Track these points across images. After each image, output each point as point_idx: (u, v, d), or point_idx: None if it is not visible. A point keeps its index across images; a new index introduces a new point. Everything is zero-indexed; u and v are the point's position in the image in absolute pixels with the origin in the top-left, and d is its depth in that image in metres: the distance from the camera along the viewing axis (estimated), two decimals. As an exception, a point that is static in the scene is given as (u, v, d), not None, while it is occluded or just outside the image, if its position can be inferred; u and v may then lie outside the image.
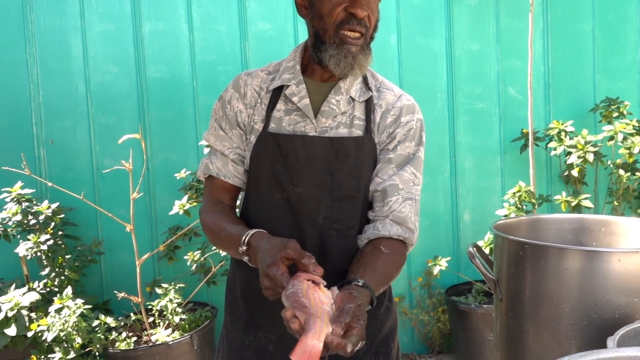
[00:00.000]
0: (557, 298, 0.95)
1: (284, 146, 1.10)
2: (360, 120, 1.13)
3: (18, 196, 2.57)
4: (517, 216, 1.24)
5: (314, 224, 1.11)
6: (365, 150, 1.12)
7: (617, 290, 0.90)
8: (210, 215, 1.15)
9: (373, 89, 1.17)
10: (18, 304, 2.33)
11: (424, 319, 2.92)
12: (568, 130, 2.76)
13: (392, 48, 3.03)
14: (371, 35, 1.10)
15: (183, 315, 2.49)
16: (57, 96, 2.89)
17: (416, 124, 1.16)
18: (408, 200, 1.12)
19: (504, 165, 3.09)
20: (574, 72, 3.12)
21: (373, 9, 1.07)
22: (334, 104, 1.12)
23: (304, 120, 1.12)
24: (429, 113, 3.04)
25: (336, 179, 1.10)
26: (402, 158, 1.13)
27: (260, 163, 1.12)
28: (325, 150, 1.10)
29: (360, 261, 1.04)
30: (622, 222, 1.15)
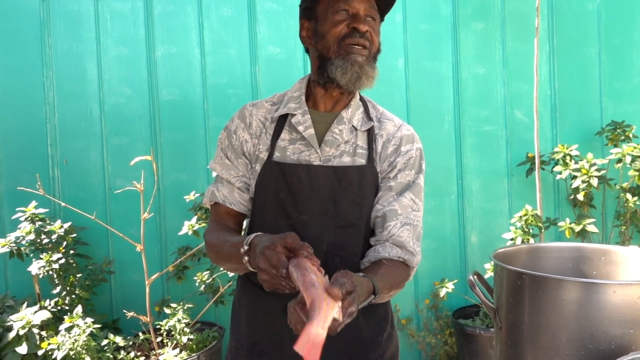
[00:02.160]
0: (555, 328, 0.97)
1: (288, 175, 1.14)
2: (363, 149, 1.17)
3: (32, 215, 2.63)
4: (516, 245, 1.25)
5: (318, 251, 1.12)
6: (367, 179, 1.15)
7: (613, 321, 0.91)
8: (214, 233, 1.18)
9: (374, 119, 1.21)
10: (30, 322, 2.37)
11: (431, 342, 2.92)
12: (573, 154, 2.77)
13: (400, 71, 3.08)
14: (374, 54, 1.15)
15: (191, 335, 2.51)
16: (72, 118, 2.97)
17: (415, 153, 1.19)
18: (406, 225, 1.14)
19: (511, 188, 3.10)
20: (580, 95, 3.14)
21: (374, 28, 1.13)
22: (337, 133, 1.16)
23: (308, 150, 1.16)
24: (435, 135, 3.08)
25: (340, 206, 1.13)
26: (402, 185, 1.17)
27: (266, 191, 1.16)
28: (329, 179, 1.13)
29: (362, 271, 1.10)
30: (621, 251, 1.16)
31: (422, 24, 3.08)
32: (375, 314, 1.21)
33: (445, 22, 3.08)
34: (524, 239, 2.51)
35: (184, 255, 2.69)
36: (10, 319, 2.42)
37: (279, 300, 1.12)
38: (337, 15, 1.12)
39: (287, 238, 0.91)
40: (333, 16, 1.12)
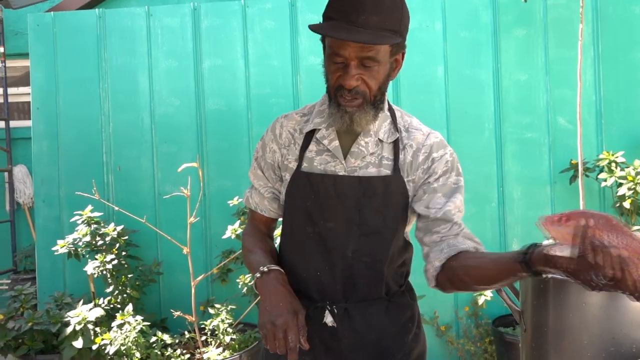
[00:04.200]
0: (577, 331, 0.99)
1: (315, 184, 1.18)
2: (389, 160, 1.19)
3: (88, 219, 2.81)
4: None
5: (343, 257, 1.18)
6: (392, 189, 1.18)
7: (635, 325, 0.93)
8: (249, 237, 1.30)
9: (402, 129, 1.22)
10: (85, 318, 2.54)
11: (470, 349, 2.90)
12: (619, 161, 2.71)
13: (439, 79, 3.10)
14: (373, 99, 1.12)
15: (233, 335, 2.61)
16: (125, 127, 3.16)
17: (451, 156, 1.21)
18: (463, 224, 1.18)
19: (554, 195, 3.05)
20: (626, 101, 3.06)
21: (373, 73, 1.10)
22: (363, 145, 1.19)
23: (334, 161, 1.19)
24: (475, 142, 3.07)
25: (364, 215, 1.17)
26: (448, 188, 1.18)
27: (294, 200, 1.21)
28: (354, 189, 1.16)
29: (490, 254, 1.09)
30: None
31: (462, 32, 3.09)
32: (402, 315, 1.24)
33: (485, 30, 3.08)
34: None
35: (228, 258, 2.80)
36: (67, 315, 2.60)
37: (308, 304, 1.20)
38: (332, 62, 1.11)
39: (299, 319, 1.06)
40: (329, 61, 1.12)
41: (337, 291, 1.20)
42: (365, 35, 1.05)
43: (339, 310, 1.19)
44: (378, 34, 1.06)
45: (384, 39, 1.06)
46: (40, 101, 3.21)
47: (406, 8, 1.13)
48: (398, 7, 1.10)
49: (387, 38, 1.06)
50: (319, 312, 1.20)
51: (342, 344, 1.19)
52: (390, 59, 1.12)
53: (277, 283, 1.13)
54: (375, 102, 1.13)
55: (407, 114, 1.27)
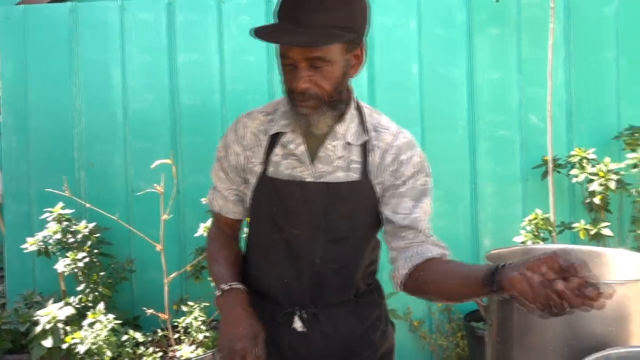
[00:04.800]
0: (541, 326, 1.01)
1: (281, 190, 1.15)
2: (357, 163, 1.15)
3: (59, 216, 2.76)
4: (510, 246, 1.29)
5: (311, 264, 1.16)
6: (360, 194, 1.15)
7: (594, 319, 0.95)
8: (214, 242, 1.28)
9: (371, 128, 1.18)
10: (55, 317, 2.49)
11: (442, 344, 2.94)
12: (590, 158, 2.77)
13: (414, 77, 3.12)
14: (328, 98, 1.07)
15: (207, 333, 2.60)
16: (97, 123, 3.11)
17: (419, 157, 1.17)
18: (427, 227, 1.17)
19: (525, 192, 3.10)
20: (597, 100, 3.13)
21: (324, 74, 1.05)
22: (331, 149, 1.14)
23: (300, 166, 1.15)
24: (449, 140, 3.10)
25: (331, 221, 1.14)
26: (416, 191, 1.15)
27: (260, 205, 1.18)
28: (321, 195, 1.13)
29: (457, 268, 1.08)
30: (612, 253, 1.19)
31: (437, 30, 3.12)
32: (370, 314, 1.24)
33: (460, 28, 3.11)
34: (534, 242, 2.52)
35: (202, 255, 2.78)
36: (37, 314, 2.54)
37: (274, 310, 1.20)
38: (283, 64, 1.07)
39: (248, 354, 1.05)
40: (281, 63, 1.08)
41: (306, 297, 1.19)
42: (306, 37, 1.00)
43: (308, 315, 1.18)
44: (324, 34, 1.00)
45: (330, 39, 1.01)
46: (10, 96, 3.13)
47: (363, 1, 1.08)
48: (350, 1, 1.05)
49: (333, 37, 1.01)
50: (288, 317, 1.19)
51: (311, 348, 1.19)
52: (346, 56, 1.07)
53: (237, 304, 1.11)
54: (332, 102, 1.09)
55: (376, 111, 1.23)
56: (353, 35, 1.05)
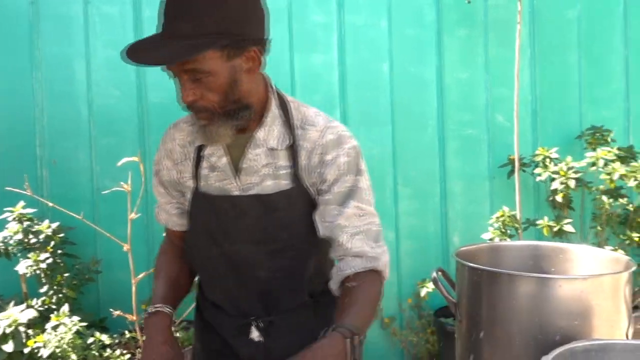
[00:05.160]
0: (508, 320, 1.03)
1: (214, 205, 1.10)
2: (286, 168, 1.08)
3: (20, 216, 2.67)
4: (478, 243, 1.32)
5: (256, 277, 1.12)
6: (295, 201, 1.09)
7: (560, 313, 0.98)
8: (162, 256, 1.25)
9: (297, 126, 1.09)
10: (16, 320, 2.41)
11: (413, 340, 2.98)
12: (553, 157, 2.85)
13: (385, 76, 3.14)
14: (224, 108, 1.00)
15: (177, 334, 2.55)
16: (61, 119, 3.01)
17: (346, 156, 1.07)
18: (357, 235, 1.06)
19: (492, 190, 3.17)
20: (560, 100, 3.22)
21: (208, 85, 0.97)
22: (253, 159, 1.08)
23: (227, 179, 1.09)
24: (419, 139, 3.14)
25: (269, 233, 1.09)
26: (342, 195, 1.07)
27: (197, 220, 1.14)
28: (254, 208, 1.08)
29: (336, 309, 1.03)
30: (575, 249, 1.23)
31: (407, 29, 3.15)
32: (330, 313, 1.16)
33: (429, 28, 3.15)
34: (501, 239, 2.58)
35: (170, 255, 2.73)
36: (-3, 317, 2.45)
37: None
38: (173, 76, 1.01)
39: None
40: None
41: (258, 308, 1.15)
42: (169, 50, 0.92)
43: (264, 324, 1.15)
44: (189, 45, 0.92)
45: (192, 50, 0.92)
46: (-33, 91, 3.00)
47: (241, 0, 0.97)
48: (217, 3, 0.94)
49: (196, 48, 0.92)
50: (244, 328, 1.16)
51: (271, 357, 1.16)
52: (230, 63, 0.98)
53: (157, 330, 1.08)
54: (228, 112, 1.01)
55: (304, 105, 1.14)
56: (227, 40, 0.95)
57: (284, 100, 1.12)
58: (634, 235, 2.76)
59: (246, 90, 1.02)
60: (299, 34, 3.06)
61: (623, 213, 2.91)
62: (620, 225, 2.90)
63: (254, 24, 1.00)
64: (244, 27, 0.97)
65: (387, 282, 3.33)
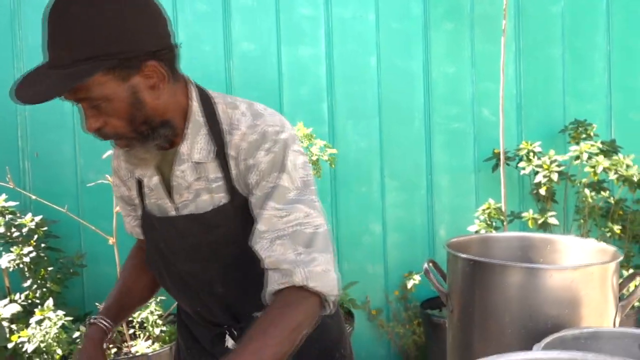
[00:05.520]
0: (500, 310, 1.05)
1: (158, 226, 1.07)
2: (218, 180, 1.00)
3: (2, 209, 2.61)
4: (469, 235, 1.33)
5: (213, 294, 1.08)
6: (234, 213, 1.00)
7: (550, 302, 1.00)
8: (128, 261, 1.26)
9: (226, 131, 0.99)
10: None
11: (399, 332, 3.01)
12: (536, 151, 2.89)
13: (372, 69, 3.14)
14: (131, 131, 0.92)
15: (164, 327, 2.54)
16: (43, 110, 2.95)
17: (269, 155, 0.96)
18: (278, 240, 0.93)
19: (478, 183, 3.21)
20: (544, 94, 3.26)
21: (107, 111, 0.89)
22: (180, 176, 1.01)
23: (162, 198, 1.05)
24: (406, 132, 3.16)
25: (217, 250, 1.03)
26: (262, 198, 0.96)
27: (150, 240, 1.12)
28: (194, 228, 1.02)
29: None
30: (563, 240, 1.25)
31: (394, 23, 3.15)
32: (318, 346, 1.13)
33: (416, 22, 3.16)
34: (487, 231, 2.61)
35: (157, 248, 2.71)
36: (-21, 312, 2.41)
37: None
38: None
39: None
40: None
41: (226, 319, 1.11)
42: (44, 84, 0.84)
43: (238, 331, 1.10)
44: (68, 74, 0.84)
45: (70, 81, 0.83)
46: (-55, 81, 2.93)
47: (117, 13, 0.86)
48: (93, 24, 0.84)
49: (75, 77, 0.83)
50: (219, 337, 1.12)
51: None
52: (128, 84, 0.89)
53: (89, 342, 1.08)
54: (142, 134, 0.93)
55: (231, 104, 1.02)
56: (111, 62, 0.85)
57: (210, 102, 1.01)
58: (616, 227, 2.82)
59: (155, 108, 0.93)
60: (286, 26, 3.04)
61: (605, 206, 2.97)
62: (602, 217, 2.96)
63: (143, 37, 0.89)
64: (131, 44, 0.87)
65: (374, 274, 3.35)
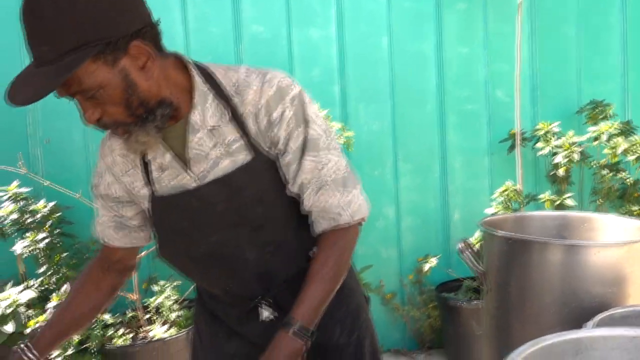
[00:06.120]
0: (540, 289, 1.02)
1: (177, 205, 1.04)
2: (237, 141, 1.00)
3: (15, 195, 2.59)
4: (503, 214, 1.30)
5: (244, 261, 1.07)
6: (258, 171, 1.02)
7: (594, 281, 0.97)
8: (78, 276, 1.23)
9: (232, 94, 1.00)
10: (16, 301, 2.36)
11: (414, 315, 3.00)
12: (555, 131, 2.85)
13: (384, 51, 3.09)
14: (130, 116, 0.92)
15: (179, 312, 2.53)
16: (52, 97, 2.92)
17: (291, 109, 0.99)
18: (321, 189, 1.01)
19: (492, 166, 3.17)
20: (560, 75, 3.21)
21: (103, 99, 0.90)
22: (197, 146, 1.00)
23: (180, 174, 1.03)
24: (419, 114, 3.12)
25: (244, 213, 1.03)
26: (297, 152, 1.01)
27: (166, 226, 1.08)
28: (218, 194, 1.01)
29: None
30: (601, 218, 1.22)
31: (406, 3, 3.09)
32: None
33: (428, 2, 3.10)
34: (505, 212, 2.58)
35: (171, 233, 2.69)
36: (-5, 299, 2.40)
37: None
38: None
39: None
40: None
41: (257, 290, 1.10)
42: (31, 84, 0.86)
43: (270, 303, 1.10)
44: (53, 70, 0.84)
45: (57, 77, 0.84)
46: (-47, 67, 2.89)
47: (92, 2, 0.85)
48: (70, 13, 0.83)
49: (61, 72, 0.84)
50: (253, 313, 1.11)
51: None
52: (117, 68, 0.89)
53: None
54: (142, 117, 0.93)
55: (232, 68, 1.04)
56: (95, 48, 0.85)
57: (207, 71, 1.02)
58: (633, 208, 2.79)
59: (149, 88, 0.93)
60: (297, 7, 2.99)
61: (621, 187, 2.93)
62: (619, 199, 2.92)
63: (124, 18, 0.89)
64: (112, 27, 0.87)
65: (388, 258, 3.32)
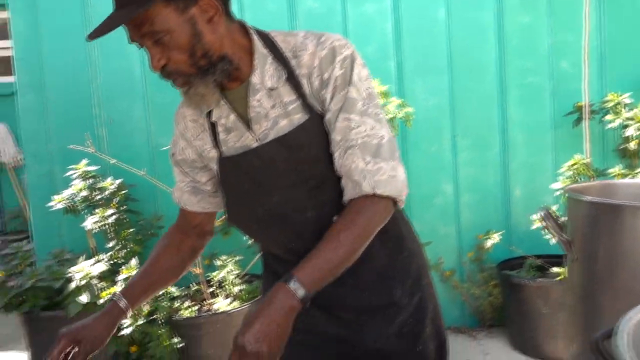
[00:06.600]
0: (632, 257, 0.97)
1: (242, 165, 1.09)
2: (294, 102, 1.05)
3: (84, 173, 2.71)
4: (586, 182, 1.24)
5: (305, 219, 1.09)
6: (315, 131, 1.05)
7: (699, 247, 0.91)
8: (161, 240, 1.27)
9: (290, 57, 1.05)
10: (89, 273, 2.48)
11: (475, 293, 2.95)
12: (626, 103, 2.70)
13: (441, 22, 3.01)
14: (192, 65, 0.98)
15: (242, 286, 2.59)
16: (115, 77, 3.01)
17: (340, 70, 1.02)
18: (348, 150, 1.02)
19: (556, 140, 3.05)
20: (630, 43, 3.03)
21: (170, 45, 0.96)
22: (257, 105, 1.06)
23: (243, 134, 1.09)
24: (478, 88, 3.02)
25: (302, 172, 1.07)
26: (336, 111, 1.03)
27: (230, 188, 1.13)
28: (279, 153, 1.06)
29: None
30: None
31: (464, -29, 2.99)
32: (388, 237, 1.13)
33: (488, -31, 2.98)
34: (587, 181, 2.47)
35: (231, 210, 2.75)
36: (70, 271, 2.53)
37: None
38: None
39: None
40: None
41: None
42: (110, 19, 0.93)
43: None
44: (132, 6, 0.92)
45: (133, 10, 0.92)
46: (23, 52, 3.03)
47: None
48: None
49: (138, 6, 0.91)
50: None
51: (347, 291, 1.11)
52: (185, 16, 0.96)
53: (100, 316, 1.13)
54: (202, 69, 0.99)
55: (291, 33, 1.08)
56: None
57: (268, 37, 1.07)
58: None
59: (213, 41, 0.99)
60: (352, -18, 2.94)
61: (698, 161, 2.76)
62: (696, 173, 2.75)
63: None
64: None
65: (446, 235, 3.27)
